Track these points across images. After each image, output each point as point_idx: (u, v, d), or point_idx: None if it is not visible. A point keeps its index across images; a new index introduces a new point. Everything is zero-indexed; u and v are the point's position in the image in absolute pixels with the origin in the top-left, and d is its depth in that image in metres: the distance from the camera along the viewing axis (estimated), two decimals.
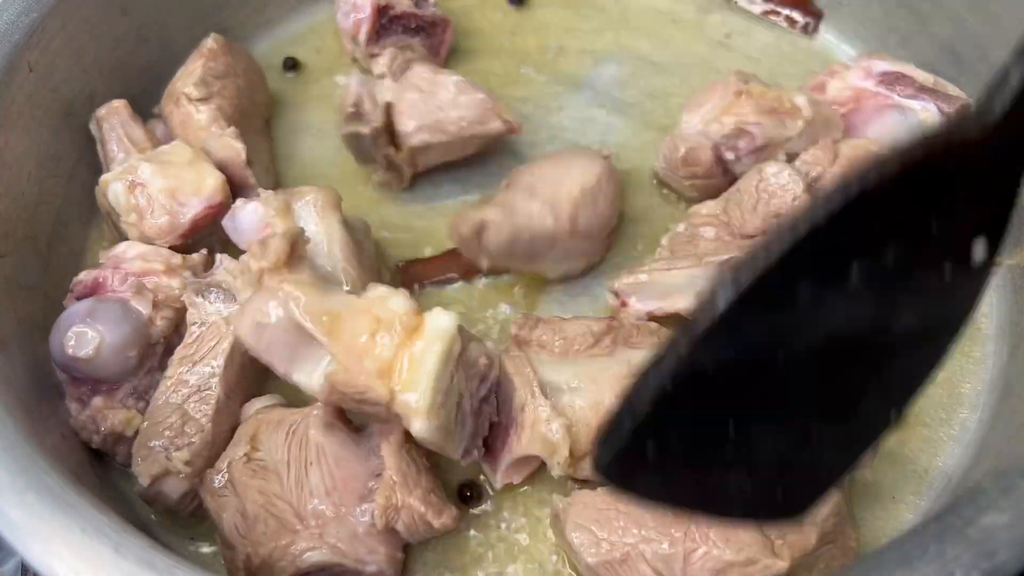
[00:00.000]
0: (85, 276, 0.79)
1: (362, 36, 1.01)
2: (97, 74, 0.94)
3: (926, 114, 0.86)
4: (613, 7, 1.11)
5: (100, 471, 0.76)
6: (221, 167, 0.87)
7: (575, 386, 0.72)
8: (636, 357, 0.74)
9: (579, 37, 1.09)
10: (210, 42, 0.95)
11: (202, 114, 0.91)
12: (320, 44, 1.09)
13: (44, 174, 0.87)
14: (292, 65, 1.07)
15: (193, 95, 0.91)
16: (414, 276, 0.89)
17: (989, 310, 0.85)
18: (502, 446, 0.72)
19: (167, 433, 0.72)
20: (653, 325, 0.78)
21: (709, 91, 0.90)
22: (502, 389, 0.73)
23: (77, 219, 0.91)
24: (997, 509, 0.55)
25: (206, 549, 0.74)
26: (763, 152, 0.87)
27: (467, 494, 0.75)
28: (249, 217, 0.79)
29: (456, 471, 0.76)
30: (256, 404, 0.74)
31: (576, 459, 0.70)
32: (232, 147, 0.88)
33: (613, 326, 0.77)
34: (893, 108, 0.88)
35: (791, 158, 0.86)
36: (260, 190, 0.82)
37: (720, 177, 0.88)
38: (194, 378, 0.73)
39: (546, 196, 0.82)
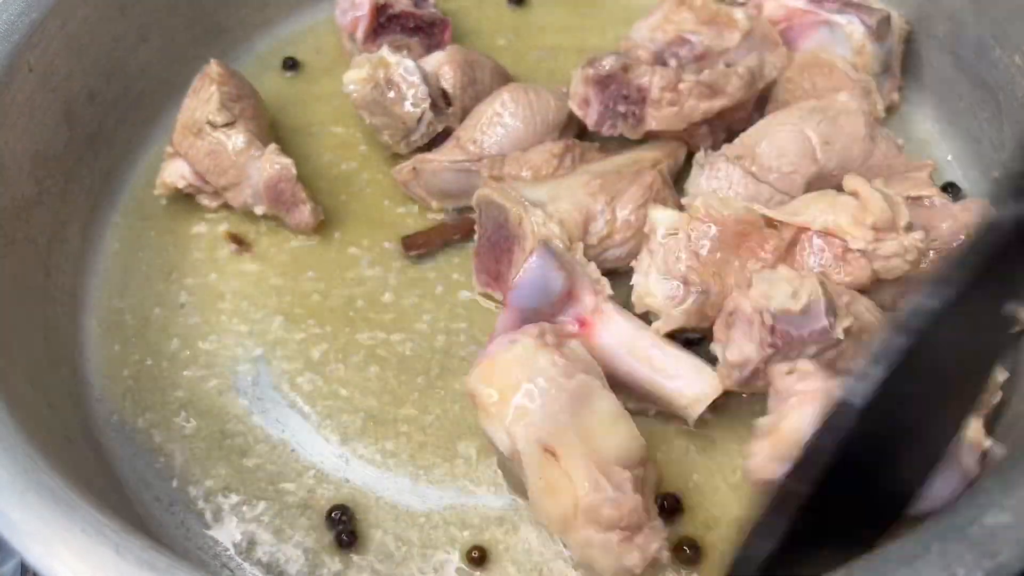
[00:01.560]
0: None
1: (360, 34, 1.01)
2: (97, 74, 0.94)
3: (851, 27, 0.93)
4: (612, 6, 1.11)
5: (101, 471, 0.76)
6: (270, 186, 0.87)
7: (554, 196, 0.82)
8: (596, 167, 0.86)
9: (578, 36, 1.09)
10: (214, 68, 0.93)
11: (235, 138, 0.89)
12: (320, 44, 1.09)
13: (44, 174, 0.87)
14: (292, 65, 1.07)
15: (219, 121, 0.89)
16: (414, 245, 0.91)
17: None
18: (508, 265, 0.82)
19: None
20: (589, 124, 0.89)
21: (661, 3, 0.96)
22: (493, 217, 0.82)
23: (77, 219, 0.91)
24: (999, 508, 0.55)
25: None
26: (704, 61, 0.91)
27: (474, 555, 0.73)
28: None
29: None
30: None
31: (571, 247, 0.79)
32: (280, 162, 0.88)
33: (570, 146, 0.88)
34: (823, 24, 0.95)
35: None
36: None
37: None
38: None
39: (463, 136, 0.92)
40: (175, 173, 0.91)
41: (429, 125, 0.94)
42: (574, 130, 0.94)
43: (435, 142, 0.95)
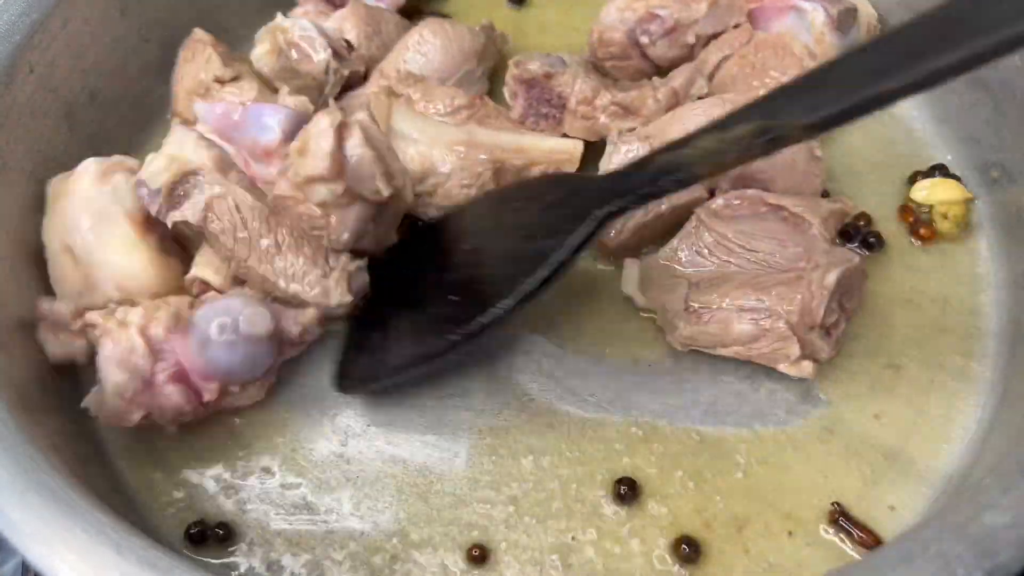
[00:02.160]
0: None
1: None
2: (97, 74, 0.94)
3: (816, 14, 0.95)
4: None
5: (101, 471, 0.76)
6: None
7: (414, 138, 0.86)
8: (479, 134, 0.88)
9: (578, 36, 1.08)
10: (201, 33, 0.95)
11: (247, 90, 0.91)
12: None
13: (44, 174, 0.87)
14: None
15: (225, 77, 0.91)
16: None
17: (989, 309, 0.85)
18: None
19: None
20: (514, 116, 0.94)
21: None
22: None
23: None
24: (998, 508, 0.55)
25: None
26: (674, 34, 0.96)
27: (475, 554, 0.73)
28: None
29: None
30: None
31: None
32: (297, 99, 0.86)
33: (476, 104, 0.91)
34: (792, 9, 0.96)
35: (700, 40, 0.97)
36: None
37: (639, 59, 0.98)
38: None
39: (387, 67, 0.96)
40: None
41: (336, 72, 0.96)
42: (494, 58, 1.00)
43: (345, 91, 0.97)
